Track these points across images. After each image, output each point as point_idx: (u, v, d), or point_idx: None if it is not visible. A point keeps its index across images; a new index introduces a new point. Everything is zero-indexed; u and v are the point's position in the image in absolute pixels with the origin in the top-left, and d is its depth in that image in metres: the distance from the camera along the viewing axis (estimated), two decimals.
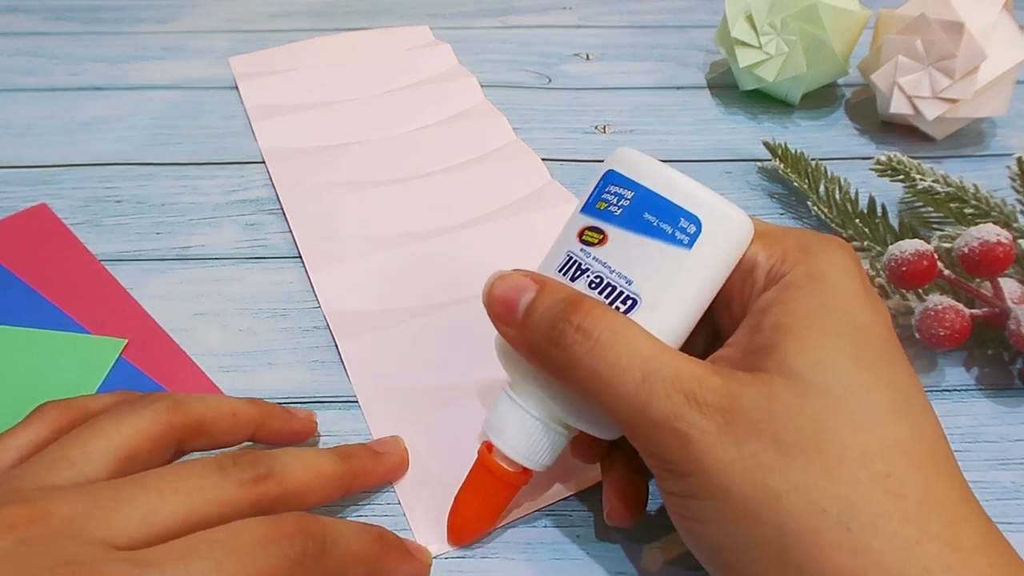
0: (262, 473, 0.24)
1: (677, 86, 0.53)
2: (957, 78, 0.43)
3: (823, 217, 0.40)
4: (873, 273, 0.35)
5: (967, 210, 0.37)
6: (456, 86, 0.51)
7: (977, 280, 0.34)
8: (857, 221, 0.39)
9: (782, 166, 0.43)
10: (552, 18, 0.61)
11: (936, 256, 0.32)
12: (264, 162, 0.45)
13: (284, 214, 0.42)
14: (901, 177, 0.39)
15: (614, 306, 0.23)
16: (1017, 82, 0.46)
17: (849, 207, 0.39)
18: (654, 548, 0.28)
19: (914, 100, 0.45)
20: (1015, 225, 0.36)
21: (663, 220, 0.23)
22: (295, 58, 0.54)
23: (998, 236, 0.31)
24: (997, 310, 0.33)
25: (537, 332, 0.23)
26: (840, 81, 0.53)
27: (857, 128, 0.49)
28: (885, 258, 0.33)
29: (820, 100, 0.51)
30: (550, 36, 0.59)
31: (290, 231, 0.41)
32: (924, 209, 0.41)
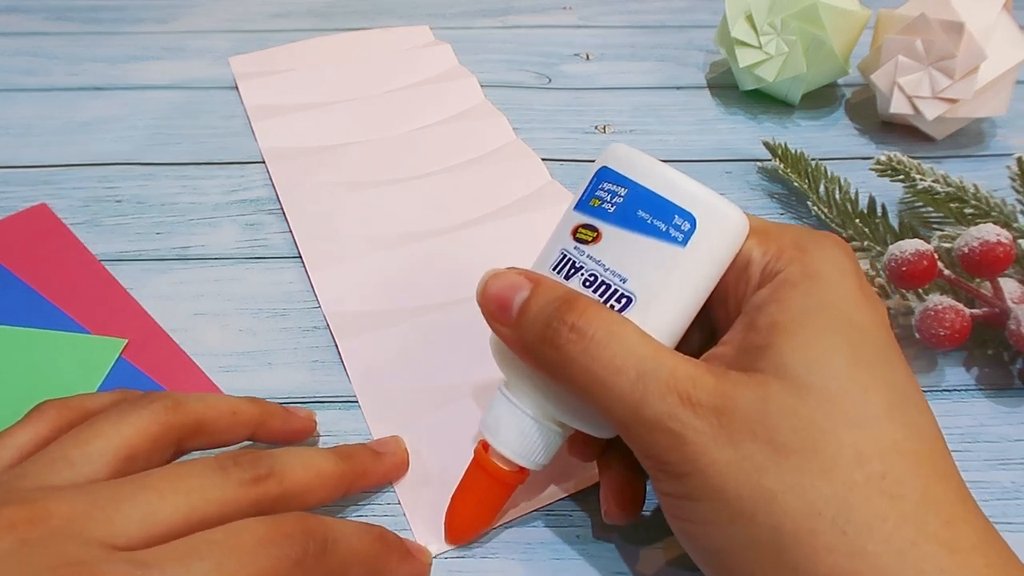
0: (262, 473, 0.24)
1: (677, 86, 0.53)
2: (957, 78, 0.43)
3: (823, 217, 0.40)
4: (873, 273, 0.35)
5: (967, 210, 0.37)
6: (456, 86, 0.51)
7: (977, 280, 0.34)
8: (857, 221, 0.39)
9: (782, 166, 0.43)
10: (552, 18, 0.61)
11: (936, 256, 0.32)
12: (264, 162, 0.45)
13: (284, 214, 0.42)
14: (901, 177, 0.39)
15: (609, 304, 0.23)
16: (1017, 82, 0.46)
17: (849, 207, 0.39)
18: (654, 549, 0.28)
19: (914, 100, 0.45)
20: (1015, 225, 0.36)
21: (657, 217, 0.23)
22: (295, 58, 0.54)
23: (998, 236, 0.31)
24: (997, 310, 0.33)
25: (531, 331, 0.23)
26: (840, 81, 0.53)
27: (857, 128, 0.49)
28: (885, 258, 0.33)
29: (820, 100, 0.51)
30: (550, 36, 0.59)
31: (290, 231, 0.41)
32: (924, 209, 0.41)
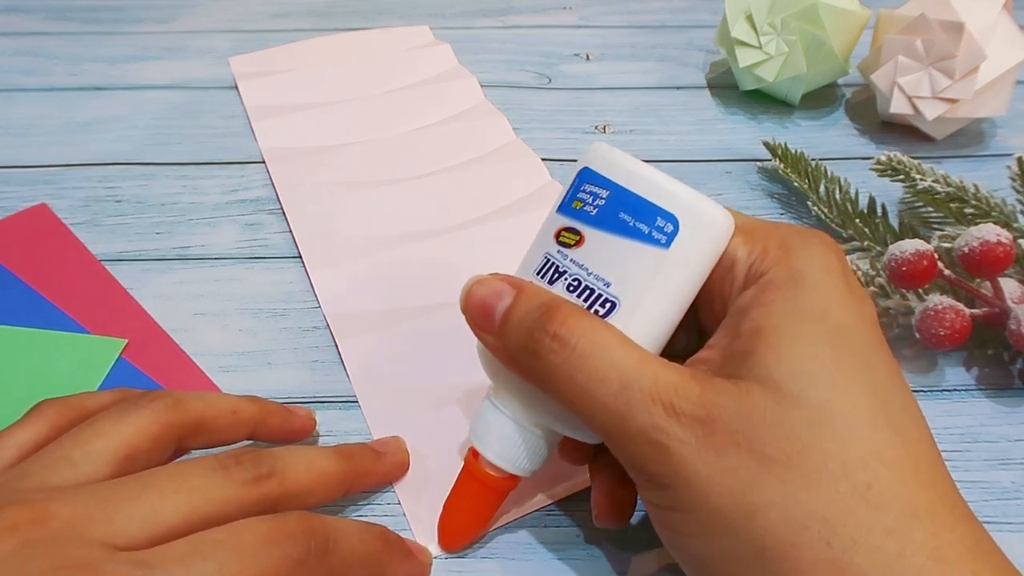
0: (264, 472, 0.24)
1: (677, 86, 0.53)
2: (957, 78, 0.43)
3: (823, 217, 0.40)
4: (873, 273, 0.35)
5: (967, 210, 0.37)
6: (456, 86, 0.51)
7: (977, 280, 0.34)
8: (857, 221, 0.39)
9: (782, 166, 0.43)
10: (552, 18, 0.61)
11: (936, 256, 0.32)
12: (264, 162, 0.45)
13: (284, 214, 0.42)
14: (901, 177, 0.39)
15: (593, 310, 0.23)
16: (1017, 82, 0.46)
17: (849, 207, 0.39)
18: (654, 550, 0.28)
19: (914, 100, 0.45)
20: (1015, 225, 0.36)
21: (639, 219, 0.23)
22: (295, 58, 0.54)
23: (998, 236, 0.31)
24: (997, 310, 0.33)
25: (514, 340, 0.23)
26: (840, 81, 0.53)
27: (857, 128, 0.49)
28: (885, 258, 0.33)
29: (820, 100, 0.51)
30: (550, 36, 0.59)
31: (290, 231, 0.41)
32: (924, 209, 0.41)
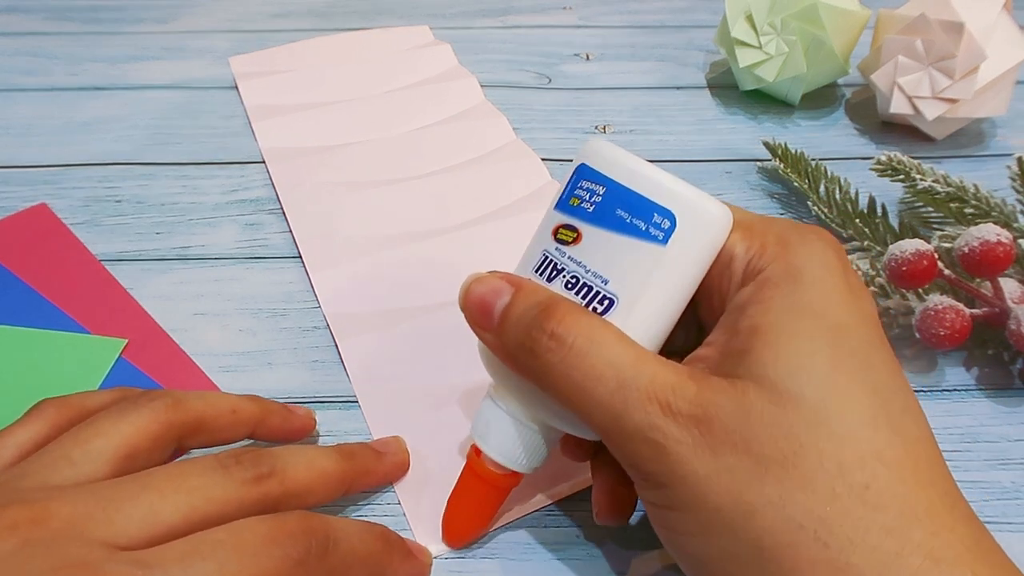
0: (264, 472, 0.23)
1: (677, 86, 0.53)
2: (957, 78, 0.43)
3: (823, 217, 0.40)
4: (873, 273, 0.35)
5: (967, 210, 0.37)
6: (456, 86, 0.51)
7: (977, 280, 0.34)
8: (857, 221, 0.39)
9: (782, 166, 0.43)
10: (552, 18, 0.61)
11: (936, 256, 0.32)
12: (264, 162, 0.45)
13: (284, 214, 0.42)
14: (901, 177, 0.39)
15: (591, 307, 0.23)
16: (1017, 82, 0.46)
17: (849, 207, 0.39)
18: (655, 550, 0.28)
19: (914, 100, 0.45)
20: (1015, 225, 0.36)
21: (636, 216, 0.23)
22: (295, 58, 0.54)
23: (998, 236, 0.31)
24: (997, 310, 0.33)
25: (512, 338, 0.23)
26: (840, 81, 0.53)
27: (857, 128, 0.49)
28: (885, 258, 0.33)
29: (820, 100, 0.51)
30: (550, 36, 0.59)
31: (290, 231, 0.41)
32: (924, 209, 0.41)
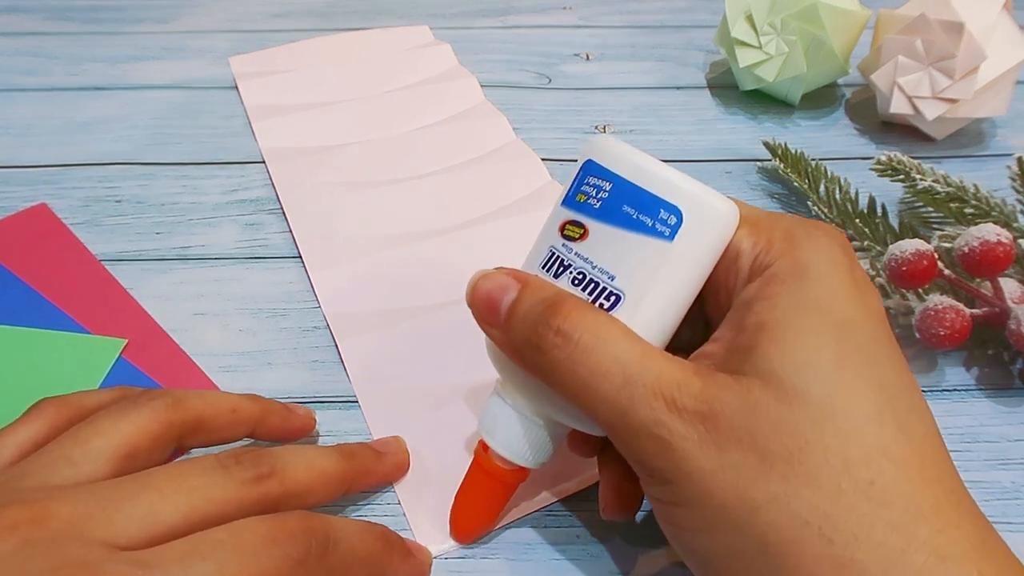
0: (264, 472, 0.23)
1: (677, 86, 0.53)
2: (957, 78, 0.43)
3: (823, 217, 0.40)
4: (873, 273, 0.35)
5: (967, 210, 0.37)
6: (456, 86, 0.51)
7: (977, 280, 0.34)
8: (857, 221, 0.39)
9: (782, 166, 0.43)
10: (552, 18, 0.61)
11: (936, 256, 0.32)
12: (264, 162, 0.45)
13: (284, 214, 0.42)
14: (901, 177, 0.39)
15: (597, 303, 0.23)
16: (1017, 82, 0.46)
17: (849, 207, 0.39)
18: (655, 550, 0.28)
19: (914, 100, 0.45)
20: (1015, 225, 0.36)
21: (643, 212, 0.23)
22: (295, 58, 0.54)
23: (998, 236, 0.31)
24: (997, 310, 0.33)
25: (519, 334, 0.23)
26: (840, 81, 0.53)
27: (857, 128, 0.49)
28: (885, 258, 0.33)
29: (820, 100, 0.51)
30: (550, 36, 0.59)
31: (290, 231, 0.41)
32: (924, 209, 0.41)
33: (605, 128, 0.49)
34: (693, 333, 0.25)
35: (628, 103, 0.51)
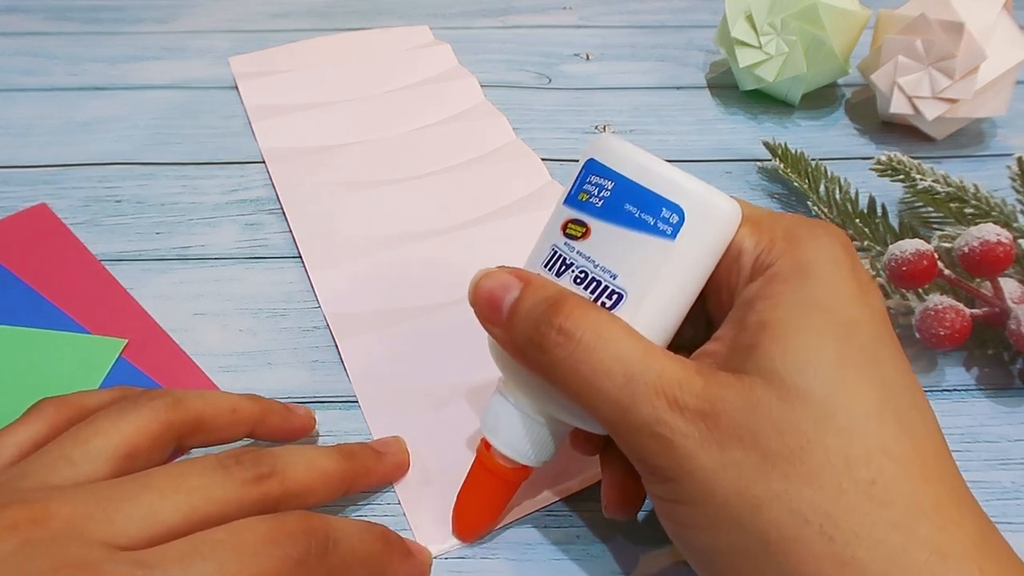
0: (264, 472, 0.23)
1: (677, 86, 0.53)
2: (957, 78, 0.43)
3: (823, 217, 0.40)
4: (873, 273, 0.35)
5: (967, 210, 0.37)
6: (456, 86, 0.51)
7: (977, 280, 0.34)
8: (857, 221, 0.39)
9: (782, 166, 0.43)
10: (552, 18, 0.61)
11: (936, 256, 0.32)
12: (264, 162, 0.45)
13: (284, 214, 0.42)
14: (901, 177, 0.39)
15: (599, 302, 0.23)
16: (1017, 82, 0.46)
17: (849, 207, 0.39)
18: (655, 549, 0.28)
19: (914, 100, 0.45)
20: (1015, 225, 0.36)
21: (644, 211, 0.23)
22: (295, 58, 0.54)
23: (998, 236, 0.31)
24: (997, 310, 0.33)
25: (521, 333, 0.23)
26: (840, 81, 0.53)
27: (857, 128, 0.49)
28: (885, 258, 0.33)
29: (820, 100, 0.51)
30: (550, 36, 0.59)
31: (290, 231, 0.41)
32: (924, 209, 0.41)
33: (605, 128, 0.49)
34: (695, 332, 0.25)
35: (628, 103, 0.51)
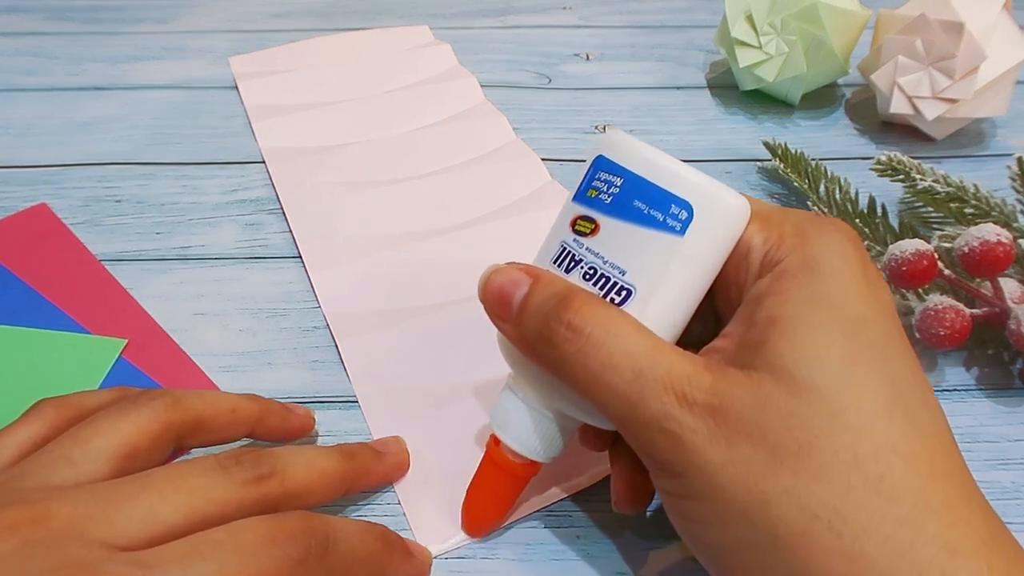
0: (264, 472, 0.23)
1: (677, 86, 0.53)
2: (957, 78, 0.43)
3: None
4: None
5: (967, 210, 0.37)
6: (456, 86, 0.51)
7: (977, 280, 0.34)
8: (857, 221, 0.39)
9: (782, 166, 0.43)
10: (552, 18, 0.61)
11: (936, 256, 0.32)
12: (264, 162, 0.45)
13: (284, 214, 0.42)
14: (901, 177, 0.39)
15: (608, 298, 0.23)
16: (1017, 82, 0.46)
17: (849, 207, 0.39)
18: (654, 549, 0.28)
19: (914, 100, 0.45)
20: (1015, 225, 0.36)
21: (653, 207, 0.23)
22: (295, 58, 0.54)
23: (998, 236, 0.31)
24: (997, 310, 0.33)
25: (530, 328, 0.23)
26: (840, 81, 0.53)
27: (857, 128, 0.49)
28: (885, 258, 0.33)
29: (820, 100, 0.51)
30: (550, 36, 0.59)
31: (290, 231, 0.41)
32: (924, 209, 0.41)
33: (605, 128, 0.49)
34: (703, 328, 0.25)
35: (628, 103, 0.51)
